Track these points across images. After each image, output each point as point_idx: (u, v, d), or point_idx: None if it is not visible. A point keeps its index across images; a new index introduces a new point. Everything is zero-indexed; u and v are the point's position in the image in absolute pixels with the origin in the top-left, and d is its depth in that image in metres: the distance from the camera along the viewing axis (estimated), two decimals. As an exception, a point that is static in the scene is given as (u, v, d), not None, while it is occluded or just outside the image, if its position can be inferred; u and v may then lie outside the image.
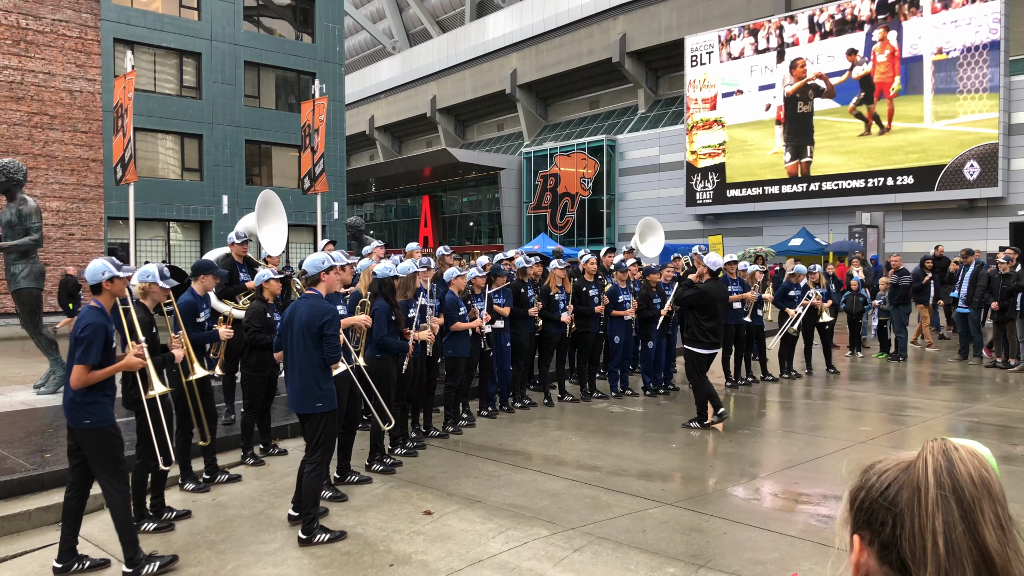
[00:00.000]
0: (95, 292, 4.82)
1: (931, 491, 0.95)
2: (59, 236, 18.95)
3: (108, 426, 4.70)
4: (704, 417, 8.66)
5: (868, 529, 1.01)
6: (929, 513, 0.94)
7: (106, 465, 4.67)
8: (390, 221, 52.09)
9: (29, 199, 9.98)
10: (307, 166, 15.40)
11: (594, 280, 10.32)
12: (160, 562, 4.75)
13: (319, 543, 5.21)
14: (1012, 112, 26.59)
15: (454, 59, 50.27)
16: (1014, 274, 12.58)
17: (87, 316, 4.68)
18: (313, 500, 5.35)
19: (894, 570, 0.97)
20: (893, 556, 0.97)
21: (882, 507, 0.99)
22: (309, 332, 5.33)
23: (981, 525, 0.92)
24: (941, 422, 9.02)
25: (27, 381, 10.77)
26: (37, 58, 18.59)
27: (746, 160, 33.02)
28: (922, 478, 0.96)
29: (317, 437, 5.44)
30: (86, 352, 4.55)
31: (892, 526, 0.97)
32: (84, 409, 4.63)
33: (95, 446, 4.66)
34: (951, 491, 0.94)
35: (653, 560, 4.86)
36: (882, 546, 0.99)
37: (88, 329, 4.59)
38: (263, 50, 29.13)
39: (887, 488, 1.00)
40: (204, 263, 6.84)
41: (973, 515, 0.93)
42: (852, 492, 1.06)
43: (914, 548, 0.94)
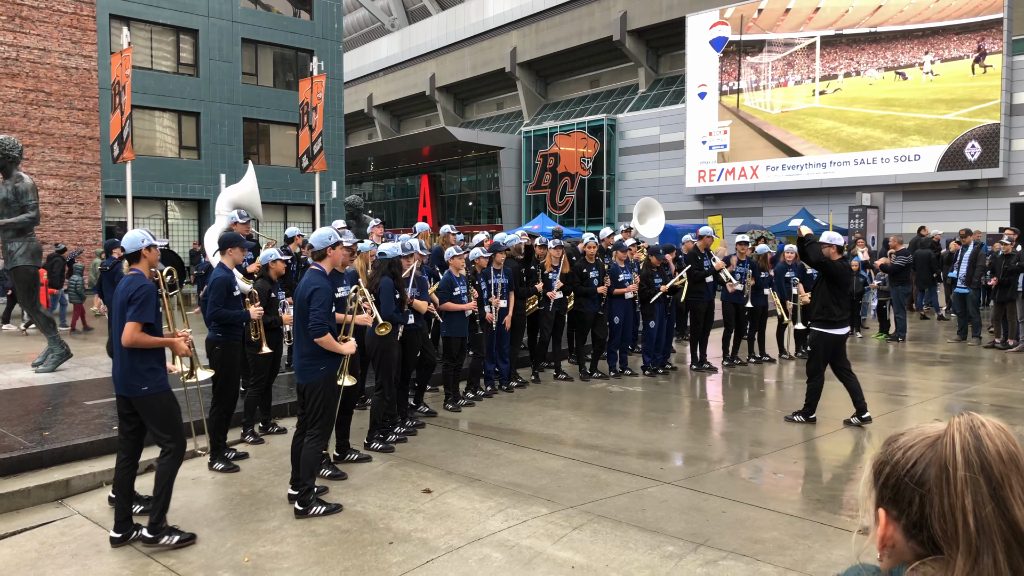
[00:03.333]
0: (134, 260, 4.94)
1: (960, 470, 0.94)
2: (56, 214, 18.88)
3: (165, 390, 4.87)
4: (812, 410, 7.97)
5: (895, 507, 1.01)
6: (958, 492, 0.93)
7: (167, 428, 4.84)
8: (389, 201, 51.93)
9: (25, 176, 9.91)
10: (305, 145, 15.30)
11: (595, 262, 10.29)
12: (180, 537, 4.85)
13: (315, 515, 5.25)
14: (1014, 92, 26.45)
15: (453, 37, 49.89)
16: (1015, 254, 12.55)
17: (139, 279, 4.82)
18: (310, 472, 5.39)
19: (923, 547, 0.97)
20: (924, 535, 0.97)
21: (908, 486, 0.98)
22: (301, 304, 5.43)
23: (1011, 502, 0.92)
24: (939, 402, 9.02)
25: (25, 359, 10.76)
26: (32, 34, 18.42)
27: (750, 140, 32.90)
28: (949, 456, 0.95)
29: (317, 407, 5.47)
30: (140, 310, 4.70)
31: (920, 505, 0.97)
32: (143, 376, 4.77)
33: (156, 410, 4.83)
34: (979, 469, 0.93)
35: (652, 538, 4.86)
36: (911, 524, 0.99)
37: (143, 290, 4.75)
38: (261, 27, 28.90)
39: (913, 465, 0.99)
40: (231, 235, 6.85)
41: (1002, 492, 0.92)
42: (876, 465, 1.06)
43: (944, 527, 0.94)
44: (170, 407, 4.90)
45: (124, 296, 4.77)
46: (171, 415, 4.90)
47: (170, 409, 4.90)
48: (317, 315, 5.33)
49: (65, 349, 10.04)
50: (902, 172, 28.34)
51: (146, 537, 4.79)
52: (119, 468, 4.98)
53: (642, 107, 38.96)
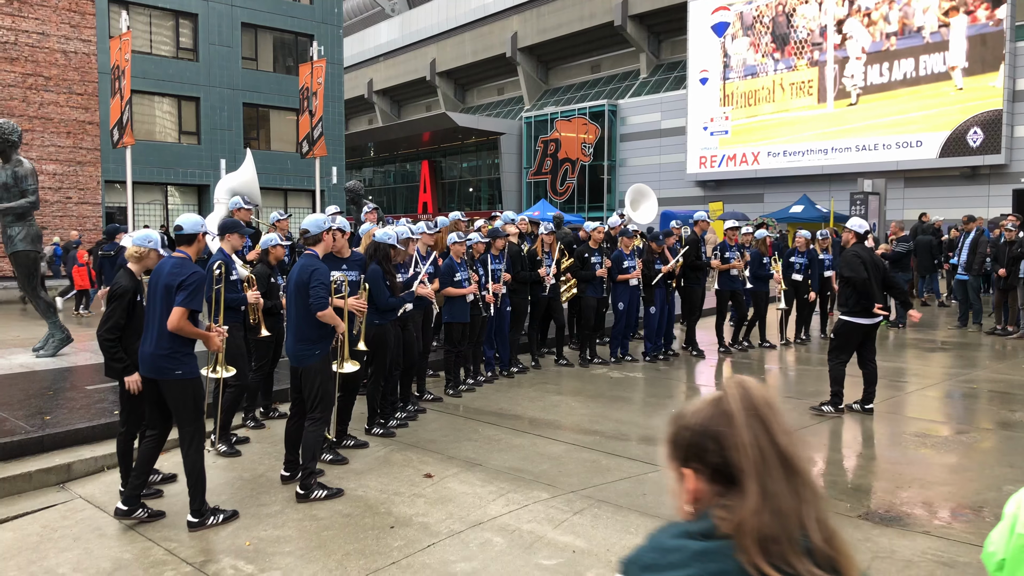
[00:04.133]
0: (187, 243, 4.99)
1: (740, 415, 1.23)
2: (56, 200, 18.85)
3: (196, 377, 4.93)
4: (840, 399, 7.63)
5: (698, 460, 1.25)
6: (742, 427, 1.22)
7: (191, 414, 4.89)
8: (389, 186, 51.83)
9: (25, 161, 9.88)
10: (305, 130, 15.26)
11: (598, 248, 10.27)
12: (224, 515, 4.94)
13: (316, 499, 5.27)
14: (1017, 79, 26.35)
15: (454, 21, 49.64)
16: (1018, 240, 12.52)
17: (190, 264, 4.87)
18: (311, 456, 5.41)
19: (723, 487, 1.22)
20: (722, 478, 1.22)
21: (705, 439, 1.24)
22: (299, 288, 5.43)
23: (776, 433, 1.23)
24: (939, 388, 9.03)
25: (26, 344, 10.76)
26: (31, 18, 18.33)
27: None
28: (731, 406, 1.24)
29: (315, 392, 5.48)
30: (191, 297, 4.74)
31: (717, 450, 1.22)
32: (179, 360, 4.81)
33: (184, 395, 4.86)
34: (752, 413, 1.23)
35: (653, 523, 4.86)
36: (714, 470, 1.23)
37: (196, 276, 4.78)
38: (260, 11, 28.75)
39: (706, 422, 1.25)
40: (230, 221, 6.90)
41: (770, 427, 1.23)
42: (671, 437, 1.30)
43: (740, 459, 1.20)
44: (197, 393, 4.95)
45: (173, 280, 4.76)
46: (197, 401, 4.95)
47: (197, 395, 4.95)
48: (318, 291, 5.35)
49: (66, 334, 10.05)
50: (904, 158, 28.28)
51: (192, 522, 4.83)
52: (144, 444, 5.02)
53: (643, 93, 38.83)
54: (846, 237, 7.80)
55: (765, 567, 1.11)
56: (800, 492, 1.19)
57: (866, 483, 5.72)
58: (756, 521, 1.15)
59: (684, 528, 1.24)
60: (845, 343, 7.60)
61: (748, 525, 1.15)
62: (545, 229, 10.22)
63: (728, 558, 1.15)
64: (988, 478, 5.77)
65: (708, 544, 1.18)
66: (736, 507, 1.18)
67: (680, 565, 1.17)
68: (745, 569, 1.13)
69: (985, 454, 6.45)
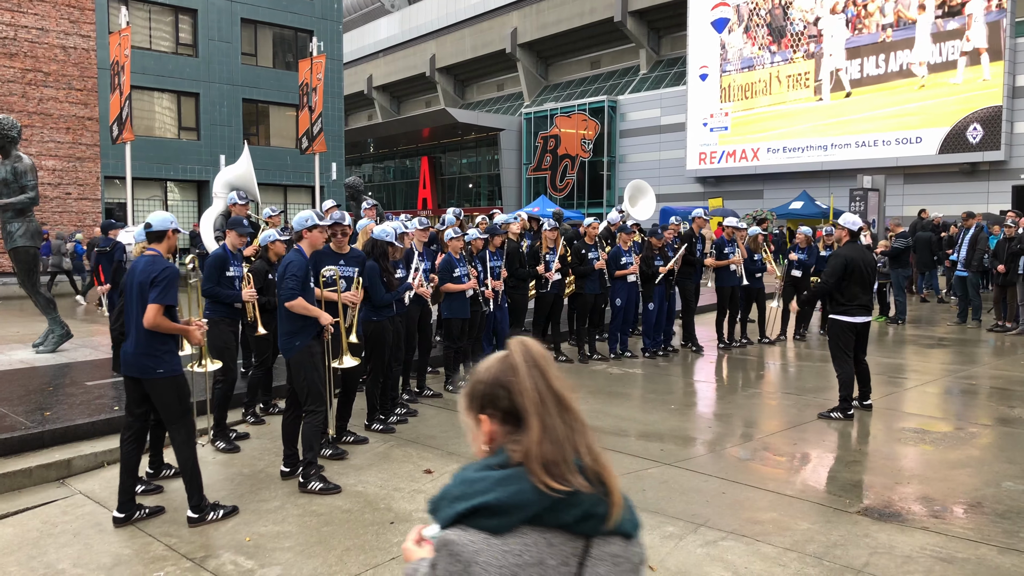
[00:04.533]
0: (157, 240, 4.96)
1: (523, 366, 1.50)
2: (55, 195, 18.83)
3: (179, 374, 4.89)
4: (849, 405, 7.42)
5: (491, 406, 1.52)
6: (524, 376, 1.48)
7: (177, 411, 4.87)
8: (388, 182, 51.80)
9: (24, 156, 9.87)
10: (305, 126, 15.26)
11: (594, 243, 10.27)
12: (224, 510, 4.94)
13: (312, 491, 5.32)
14: (1017, 75, 26.32)
15: (454, 17, 49.56)
16: (1017, 237, 12.52)
17: (161, 261, 4.83)
18: (309, 447, 5.44)
19: (513, 426, 1.49)
20: (511, 419, 1.49)
21: (496, 388, 1.51)
22: (280, 282, 5.55)
23: (552, 379, 1.50)
24: (939, 384, 9.04)
25: (26, 340, 10.77)
26: (30, 13, 18.30)
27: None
28: (515, 360, 1.51)
29: (302, 384, 5.52)
30: (164, 292, 4.69)
31: (506, 397, 1.49)
32: (159, 358, 4.78)
33: (168, 393, 4.83)
34: (533, 364, 1.51)
35: (652, 519, 4.88)
36: (505, 413, 1.50)
37: (167, 272, 4.74)
38: (260, 7, 28.68)
39: (496, 375, 1.52)
40: (235, 219, 6.98)
41: (547, 374, 1.50)
42: (468, 392, 1.56)
43: (524, 401, 1.47)
44: (182, 390, 4.92)
45: (146, 277, 4.73)
46: (182, 399, 4.92)
47: (181, 393, 4.92)
48: (287, 283, 5.43)
49: (65, 330, 10.05)
50: (903, 155, 28.26)
51: (192, 518, 4.84)
52: (124, 446, 4.98)
53: (643, 89, 38.79)
54: (839, 234, 7.68)
55: (550, 482, 1.40)
56: (572, 424, 1.48)
57: (865, 479, 5.73)
58: (539, 450, 1.43)
59: (484, 463, 1.50)
60: (843, 343, 7.51)
61: (534, 453, 1.43)
62: (548, 226, 10.21)
63: (523, 480, 1.42)
64: (987, 474, 5.77)
65: (505, 472, 1.44)
66: (523, 440, 1.45)
67: (485, 491, 1.42)
68: (536, 487, 1.41)
69: (984, 450, 6.46)
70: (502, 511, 1.40)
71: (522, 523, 1.41)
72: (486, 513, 1.40)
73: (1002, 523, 4.82)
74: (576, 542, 1.43)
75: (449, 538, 1.42)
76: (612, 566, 1.45)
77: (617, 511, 1.46)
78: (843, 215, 7.89)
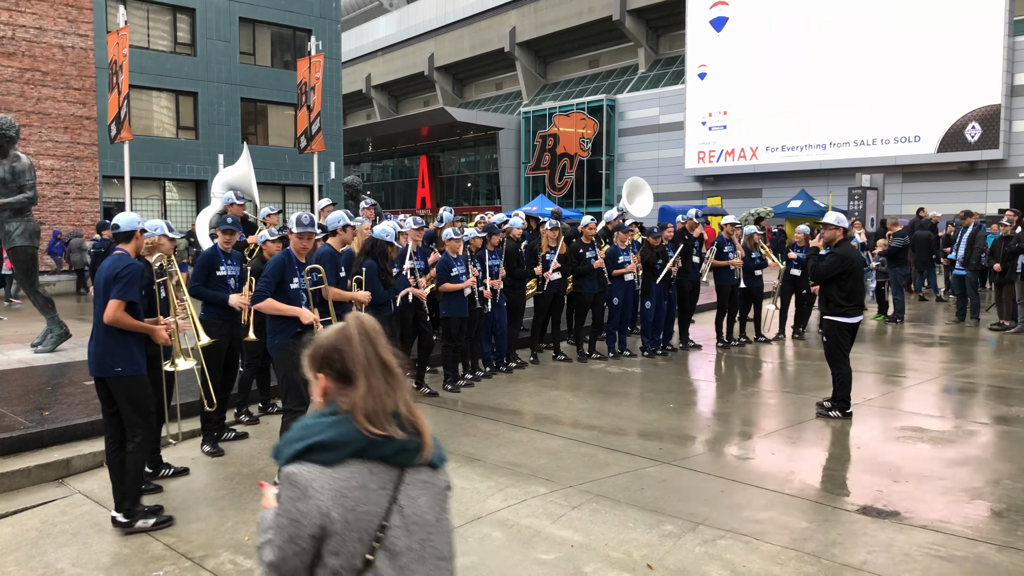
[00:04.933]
0: (124, 240, 4.92)
1: (356, 335, 1.84)
2: (54, 195, 18.80)
3: (139, 375, 4.79)
4: (848, 404, 7.38)
5: (328, 367, 1.84)
6: (356, 344, 1.83)
7: (136, 413, 4.79)
8: (387, 181, 51.78)
9: (23, 156, 9.86)
10: (303, 125, 15.24)
11: (591, 242, 10.27)
12: (156, 519, 4.80)
13: None
14: (1015, 73, 26.34)
15: (452, 16, 49.53)
16: (1015, 236, 12.53)
17: (125, 259, 4.78)
18: None
19: (344, 384, 1.82)
20: (343, 376, 1.83)
21: (332, 352, 1.84)
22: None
23: (380, 348, 1.85)
24: (937, 383, 9.04)
25: (24, 340, 10.76)
26: (28, 12, 18.27)
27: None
28: (350, 332, 1.85)
29: (281, 381, 5.55)
30: (125, 288, 4.65)
31: (340, 360, 1.82)
32: (116, 357, 4.70)
33: (127, 394, 4.75)
34: (364, 333, 1.85)
35: (651, 518, 4.89)
36: (338, 373, 1.83)
37: (129, 269, 4.70)
38: (258, 6, 28.67)
39: (333, 341, 1.85)
40: (222, 219, 6.97)
41: (375, 342, 1.85)
42: (309, 355, 1.87)
43: (354, 366, 1.81)
44: (141, 393, 4.81)
45: (109, 274, 4.70)
46: (141, 401, 4.81)
47: (141, 395, 4.81)
48: (259, 285, 5.51)
49: (64, 329, 10.04)
50: (902, 153, 28.27)
51: (120, 521, 4.75)
52: (107, 446, 4.95)
53: (642, 88, 38.79)
54: (833, 234, 7.47)
55: (371, 428, 1.77)
56: (393, 385, 1.84)
57: (863, 477, 5.73)
58: (363, 403, 1.79)
59: (319, 413, 1.84)
60: (841, 343, 7.44)
61: (359, 406, 1.79)
62: (549, 226, 10.20)
63: (349, 423, 1.78)
64: (986, 472, 5.78)
65: (335, 418, 1.80)
66: (351, 396, 1.81)
67: (319, 432, 1.77)
68: (359, 430, 1.77)
69: (982, 448, 6.47)
70: (332, 447, 1.75)
71: (349, 457, 1.76)
72: (319, 449, 1.75)
73: (1000, 521, 4.83)
74: (393, 471, 1.81)
75: (289, 470, 1.76)
76: (422, 488, 1.85)
77: (428, 450, 1.85)
78: (829, 214, 7.70)
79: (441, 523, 1.90)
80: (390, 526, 1.78)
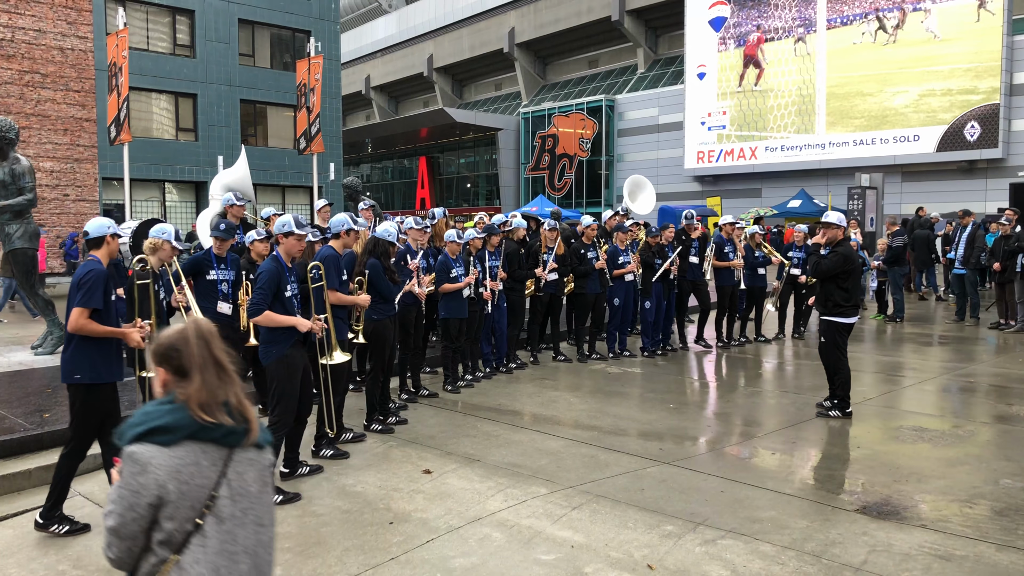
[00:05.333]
0: (96, 246, 4.89)
1: (192, 338, 2.12)
2: (54, 197, 18.81)
3: (97, 383, 4.74)
4: (847, 403, 7.37)
5: (167, 363, 2.12)
6: (193, 345, 2.11)
7: (79, 424, 4.76)
8: (387, 182, 51.79)
9: (22, 158, 9.86)
10: (303, 126, 15.24)
11: (593, 243, 10.27)
12: (70, 527, 4.79)
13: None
14: (1014, 72, 26.35)
15: (451, 17, 49.55)
16: (1014, 235, 12.53)
17: (89, 265, 4.75)
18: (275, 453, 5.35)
19: (181, 378, 2.10)
20: (180, 371, 2.10)
21: (171, 350, 2.11)
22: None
23: (214, 348, 2.13)
24: (936, 383, 9.05)
25: (24, 342, 10.76)
26: (27, 15, 18.28)
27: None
28: (188, 334, 2.12)
29: (272, 393, 5.45)
30: (87, 296, 4.61)
31: (178, 356, 2.10)
32: (77, 364, 4.68)
33: (75, 400, 4.73)
34: (200, 336, 2.13)
35: (651, 518, 4.89)
36: (176, 368, 2.11)
37: (92, 275, 4.66)
38: (257, 7, 28.69)
39: (172, 340, 2.12)
40: (216, 223, 6.99)
41: (211, 343, 2.13)
42: (152, 352, 2.14)
43: (190, 363, 2.09)
44: (89, 404, 4.74)
45: (74, 281, 4.68)
46: (85, 415, 4.75)
47: (88, 406, 4.74)
48: (255, 296, 5.37)
49: (64, 331, 10.03)
50: (901, 153, 28.29)
51: (37, 522, 4.75)
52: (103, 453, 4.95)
53: (641, 88, 38.81)
54: (835, 233, 7.42)
55: (202, 416, 2.07)
56: (225, 380, 2.13)
57: (863, 477, 5.74)
58: (197, 396, 2.08)
59: (158, 402, 2.12)
60: (840, 343, 7.43)
61: (193, 398, 2.08)
62: (548, 226, 10.21)
63: (184, 411, 2.07)
64: (985, 472, 5.79)
65: (173, 406, 2.08)
66: (187, 388, 2.09)
67: (158, 417, 2.06)
68: (192, 417, 2.07)
69: (982, 448, 6.47)
70: (169, 430, 2.05)
71: (184, 439, 2.06)
72: (158, 432, 2.04)
73: (1000, 520, 4.83)
74: (223, 450, 2.12)
75: (131, 450, 2.04)
76: (248, 465, 2.17)
77: (254, 434, 2.17)
78: (829, 213, 7.66)
79: (263, 495, 2.22)
80: (219, 496, 2.10)
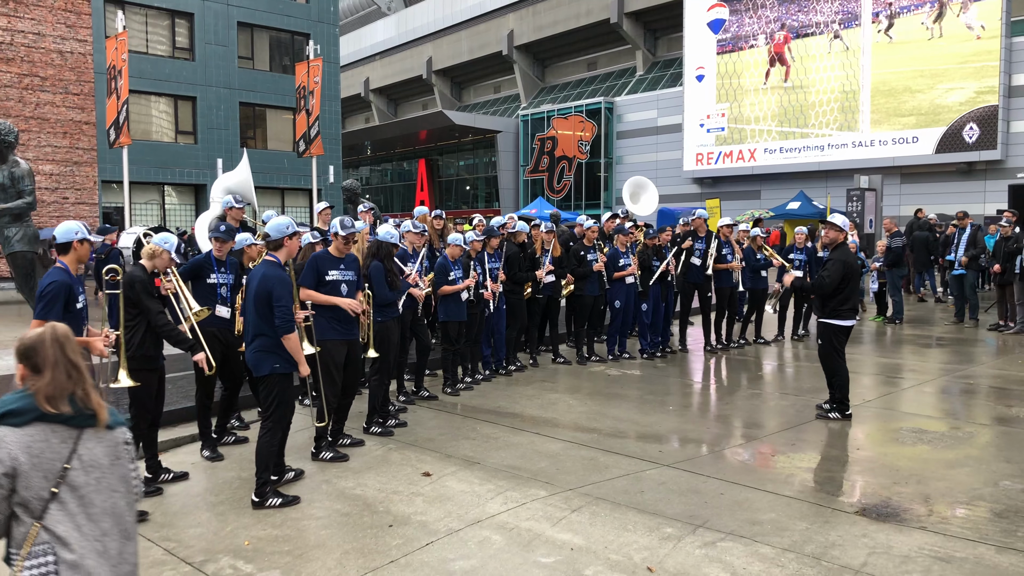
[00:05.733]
0: (63, 252, 4.84)
1: (47, 340, 2.49)
2: (53, 200, 18.79)
3: None
4: (847, 405, 7.37)
5: (26, 361, 2.49)
6: (47, 347, 2.48)
7: None
8: (386, 185, 51.79)
9: (22, 161, 9.88)
10: (302, 129, 15.25)
11: (593, 245, 10.27)
12: None
13: (271, 507, 5.14)
14: (1013, 74, 26.37)
15: (450, 19, 49.55)
16: (1014, 236, 12.54)
17: (52, 274, 4.73)
18: (265, 466, 5.23)
19: (35, 373, 2.47)
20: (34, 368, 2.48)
21: (30, 350, 2.49)
22: (259, 298, 5.17)
23: (68, 350, 2.51)
24: (936, 384, 9.05)
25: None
26: (26, 18, 18.28)
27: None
28: (44, 336, 2.50)
29: (272, 398, 5.29)
30: (46, 309, 4.61)
31: (34, 356, 2.48)
32: None
33: None
34: (55, 339, 2.50)
35: (651, 520, 4.89)
36: (31, 366, 2.48)
37: (53, 287, 4.65)
38: (256, 10, 28.70)
39: (31, 344, 2.49)
40: (215, 226, 6.87)
41: (66, 346, 2.51)
42: (16, 349, 2.51)
43: (43, 362, 2.47)
44: None
45: (38, 291, 4.65)
46: None
47: None
48: (284, 311, 5.10)
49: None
50: (900, 154, 28.29)
51: None
52: None
53: (640, 90, 38.82)
54: (836, 236, 7.41)
55: (45, 406, 2.44)
56: (75, 378, 2.50)
57: (863, 479, 5.74)
58: (45, 389, 2.45)
59: (15, 392, 2.49)
60: (838, 346, 7.41)
61: (41, 391, 2.45)
62: (545, 228, 10.22)
63: (32, 399, 2.44)
64: (985, 473, 5.79)
65: (24, 394, 2.46)
66: (37, 382, 2.46)
67: (11, 403, 2.43)
68: (38, 407, 2.43)
69: (982, 449, 6.47)
70: (19, 413, 2.43)
71: (34, 420, 2.43)
72: (10, 415, 2.42)
73: (1000, 522, 4.83)
74: (73, 431, 2.50)
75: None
76: (97, 441, 2.54)
77: (102, 421, 2.54)
78: (835, 216, 7.67)
79: (115, 466, 2.57)
80: (71, 468, 2.47)
